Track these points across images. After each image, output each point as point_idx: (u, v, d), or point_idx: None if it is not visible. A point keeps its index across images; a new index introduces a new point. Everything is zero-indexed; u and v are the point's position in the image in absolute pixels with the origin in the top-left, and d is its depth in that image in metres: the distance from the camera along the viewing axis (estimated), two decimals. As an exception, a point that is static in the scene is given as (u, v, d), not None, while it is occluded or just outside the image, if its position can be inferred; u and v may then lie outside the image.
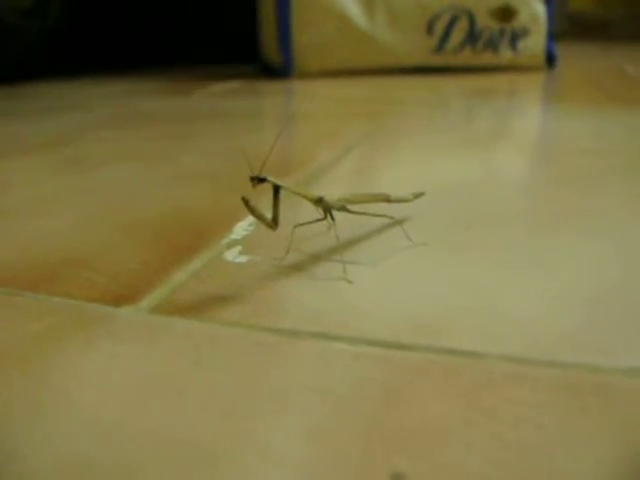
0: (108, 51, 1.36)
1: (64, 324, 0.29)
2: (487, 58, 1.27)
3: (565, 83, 1.18)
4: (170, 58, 1.39)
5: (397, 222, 0.38)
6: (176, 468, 0.19)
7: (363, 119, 0.78)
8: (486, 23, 1.24)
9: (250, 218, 0.41)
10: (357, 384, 0.23)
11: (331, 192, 0.36)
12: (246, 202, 0.30)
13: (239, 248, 0.37)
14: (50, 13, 1.28)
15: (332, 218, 0.35)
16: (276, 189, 0.32)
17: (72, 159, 0.61)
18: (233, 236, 0.39)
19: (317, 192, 0.35)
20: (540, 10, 1.28)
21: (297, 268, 0.34)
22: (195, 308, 0.30)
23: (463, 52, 1.25)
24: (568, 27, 2.23)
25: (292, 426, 0.21)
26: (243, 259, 0.35)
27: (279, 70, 1.19)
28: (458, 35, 1.24)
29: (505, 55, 1.27)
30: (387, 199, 0.38)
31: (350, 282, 0.32)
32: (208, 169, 0.55)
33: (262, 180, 0.31)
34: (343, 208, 0.35)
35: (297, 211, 0.40)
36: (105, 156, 0.61)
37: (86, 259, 0.36)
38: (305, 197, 0.34)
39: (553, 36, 1.31)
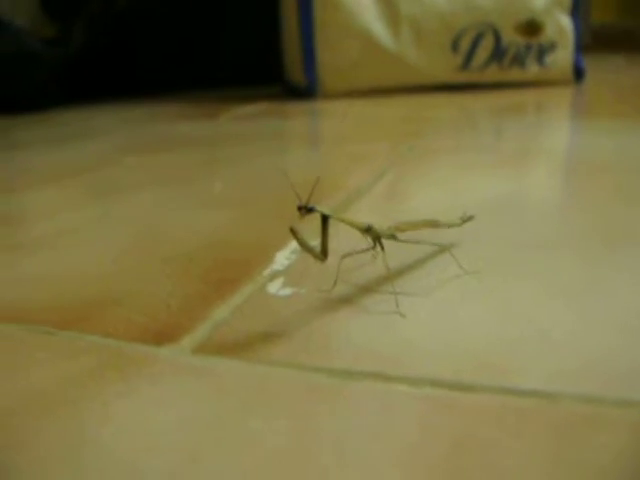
0: (130, 77, 1.35)
1: (101, 365, 0.27)
2: (514, 74, 1.25)
3: (593, 97, 1.16)
4: (193, 82, 1.39)
5: (446, 249, 0.36)
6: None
7: (391, 140, 0.76)
8: (512, 38, 1.23)
9: (291, 246, 0.39)
10: (422, 432, 0.22)
11: (367, 218, 0.35)
12: (294, 233, 0.29)
13: (282, 280, 0.35)
14: (73, 41, 1.28)
15: (382, 247, 0.33)
16: (324, 219, 0.30)
17: (98, 187, 0.60)
18: (275, 266, 0.37)
19: (361, 220, 0.33)
20: (566, 23, 1.25)
21: (346, 301, 0.32)
22: (239, 347, 0.28)
23: (489, 69, 1.23)
24: (591, 39, 2.21)
25: (358, 482, 0.19)
26: (287, 292, 0.33)
27: (304, 91, 1.18)
28: (484, 52, 1.22)
29: (532, 70, 1.25)
30: (436, 225, 0.36)
31: (403, 316, 0.30)
32: (239, 195, 0.54)
33: (310, 210, 0.29)
34: (392, 236, 0.34)
35: (340, 240, 0.39)
36: (133, 183, 0.60)
37: (122, 295, 0.35)
38: (354, 226, 0.32)
39: (580, 49, 1.29)
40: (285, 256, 0.38)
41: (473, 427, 0.22)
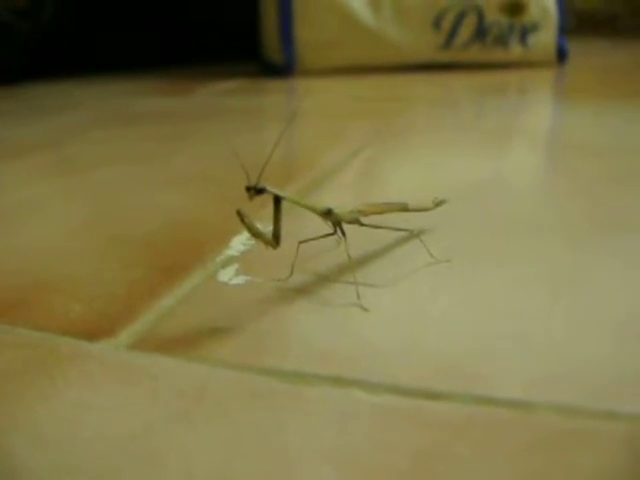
0: (104, 51, 1.31)
1: (26, 363, 0.24)
2: (497, 54, 1.22)
3: (576, 79, 1.13)
4: (169, 56, 1.35)
5: (415, 235, 0.33)
6: None
7: (369, 118, 0.73)
8: (495, 18, 1.20)
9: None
10: (379, 448, 0.19)
11: (340, 201, 0.32)
12: (242, 217, 0.26)
13: (236, 267, 0.32)
14: (44, 13, 1.24)
15: (343, 233, 0.30)
16: (277, 200, 0.27)
17: (64, 161, 0.56)
18: (230, 252, 0.34)
19: (324, 202, 0.30)
20: (550, 4, 1.23)
21: (303, 291, 0.29)
22: (181, 343, 0.25)
23: (472, 48, 1.20)
24: (576, 23, 2.18)
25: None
26: (240, 280, 0.30)
27: (281, 68, 1.14)
28: (466, 31, 1.19)
29: (515, 51, 1.22)
30: (405, 208, 0.33)
31: (365, 309, 0.27)
32: (204, 173, 0.51)
33: (260, 191, 0.26)
34: (355, 221, 0.31)
35: (302, 224, 0.35)
36: (98, 158, 0.57)
37: (62, 280, 0.31)
38: (311, 209, 0.29)
39: (564, 31, 1.26)
40: (242, 241, 0.35)
41: (436, 441, 0.19)
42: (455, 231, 0.36)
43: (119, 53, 1.31)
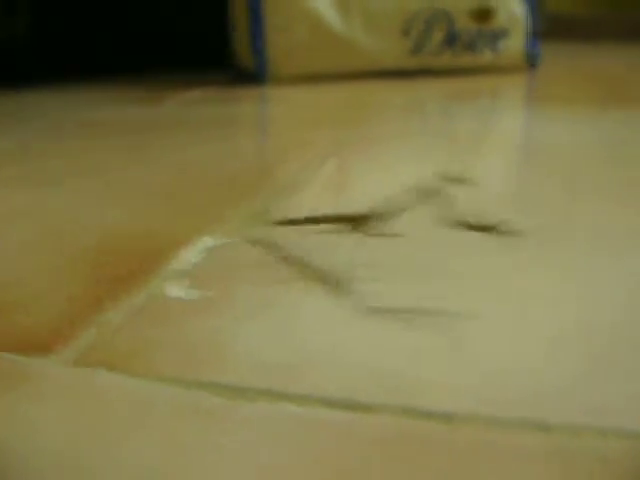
0: (78, 59, 1.31)
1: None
2: (467, 60, 1.23)
3: (547, 84, 1.15)
4: (144, 64, 1.35)
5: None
6: None
7: (338, 125, 0.74)
8: (465, 24, 1.21)
9: (203, 243, 0.37)
10: (307, 465, 0.19)
11: (298, 210, 0.32)
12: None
13: (184, 280, 0.32)
14: (19, 22, 1.24)
15: None
16: None
17: (23, 175, 0.56)
18: (180, 265, 0.34)
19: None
20: (519, 10, 1.24)
21: (248, 302, 0.29)
22: (125, 357, 0.25)
23: (442, 54, 1.21)
24: (550, 27, 2.20)
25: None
26: (186, 293, 0.31)
27: (253, 75, 1.15)
28: (436, 37, 1.20)
29: (485, 56, 1.24)
30: None
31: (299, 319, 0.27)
32: (164, 185, 0.51)
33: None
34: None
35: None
36: (59, 172, 0.57)
37: (8, 295, 0.32)
38: None
39: (535, 35, 1.27)
40: (193, 254, 0.35)
41: (365, 457, 0.19)
42: (404, 240, 0.36)
43: (91, 62, 1.31)
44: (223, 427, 0.21)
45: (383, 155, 0.59)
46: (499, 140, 0.67)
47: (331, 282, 0.31)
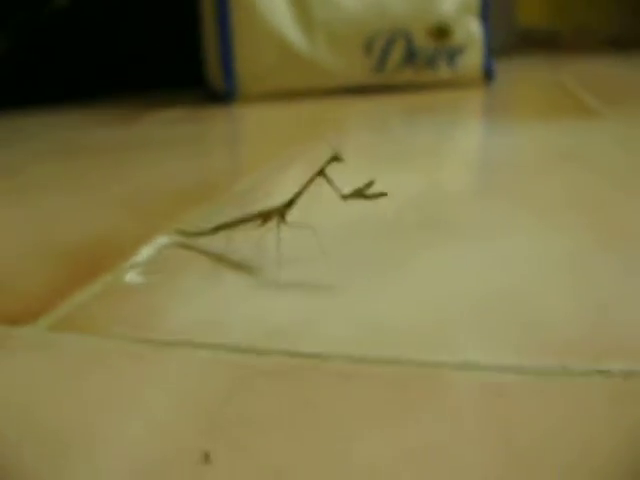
0: (53, 82, 1.37)
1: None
2: (427, 76, 1.31)
3: (504, 99, 1.22)
4: (117, 86, 1.42)
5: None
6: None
7: (298, 141, 0.81)
8: (423, 42, 1.29)
9: (157, 241, 0.45)
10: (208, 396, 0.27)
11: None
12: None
13: (139, 270, 0.40)
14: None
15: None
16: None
17: (2, 193, 0.64)
18: (137, 258, 0.42)
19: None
20: (475, 28, 1.32)
21: (190, 281, 0.38)
22: (88, 325, 0.33)
23: (403, 71, 1.29)
24: (517, 41, 2.29)
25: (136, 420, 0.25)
26: (141, 280, 0.39)
27: (223, 95, 1.23)
28: (396, 54, 1.28)
29: (444, 72, 1.32)
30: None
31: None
32: (132, 196, 0.59)
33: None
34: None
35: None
36: (38, 188, 0.65)
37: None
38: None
39: (491, 52, 1.35)
40: (149, 250, 0.44)
41: (244, 382, 0.27)
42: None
43: (66, 84, 1.37)
44: (150, 368, 0.29)
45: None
46: (450, 153, 0.75)
47: (243, 268, 0.39)
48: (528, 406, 0.25)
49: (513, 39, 2.25)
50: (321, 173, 0.37)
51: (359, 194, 0.36)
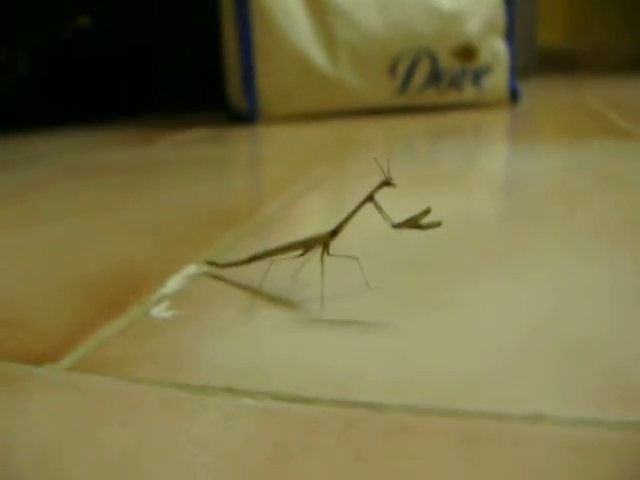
0: (75, 103, 1.36)
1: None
2: (451, 96, 1.29)
3: (529, 119, 1.20)
4: (136, 107, 1.40)
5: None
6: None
7: (323, 163, 0.79)
8: (448, 63, 1.26)
9: (184, 272, 0.42)
10: (256, 446, 0.24)
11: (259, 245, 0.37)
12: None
13: (167, 303, 0.37)
14: (19, 67, 1.29)
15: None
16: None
17: (23, 214, 0.62)
18: (164, 290, 0.39)
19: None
20: (501, 48, 1.30)
21: (221, 320, 0.34)
22: (113, 365, 0.30)
23: (427, 92, 1.27)
24: (537, 62, 2.27)
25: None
26: (169, 314, 0.36)
27: (245, 116, 1.20)
28: (421, 76, 1.26)
29: (469, 93, 1.29)
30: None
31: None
32: (154, 221, 0.56)
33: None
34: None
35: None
36: (57, 211, 0.62)
37: (15, 317, 0.37)
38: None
39: (516, 72, 1.33)
40: (176, 281, 0.40)
41: (296, 435, 0.24)
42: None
43: (87, 106, 1.36)
44: (183, 418, 0.26)
45: (357, 191, 0.64)
46: (479, 177, 0.71)
47: (282, 303, 0.36)
48: (608, 463, 0.22)
49: (533, 60, 2.23)
50: (370, 199, 0.34)
51: (413, 224, 0.33)
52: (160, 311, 0.36)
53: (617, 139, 0.86)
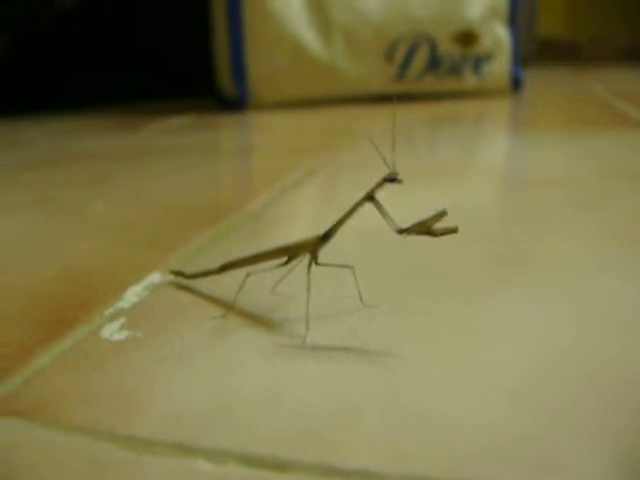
0: (58, 88, 1.30)
1: None
2: (451, 84, 1.23)
3: (532, 108, 1.14)
4: (127, 93, 1.34)
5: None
6: None
7: (316, 153, 0.72)
8: (448, 49, 1.20)
9: (147, 281, 0.35)
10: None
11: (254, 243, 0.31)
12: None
13: (122, 321, 0.31)
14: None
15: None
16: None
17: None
18: (121, 304, 0.33)
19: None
20: (503, 34, 1.24)
21: (181, 345, 0.28)
22: (43, 407, 0.24)
23: (425, 78, 1.21)
24: (537, 51, 2.21)
25: None
26: (122, 336, 0.29)
27: (235, 102, 1.14)
28: (419, 62, 1.19)
29: (469, 80, 1.23)
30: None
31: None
32: (122, 218, 0.50)
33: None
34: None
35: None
36: (15, 204, 0.56)
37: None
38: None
39: (519, 60, 1.27)
40: (136, 292, 0.34)
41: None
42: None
43: (70, 91, 1.31)
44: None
45: (346, 185, 0.58)
46: (479, 169, 0.65)
47: (259, 322, 0.30)
48: None
49: (533, 48, 2.17)
50: (370, 199, 0.28)
51: (424, 229, 0.26)
52: (112, 331, 0.30)
53: (628, 129, 0.80)
